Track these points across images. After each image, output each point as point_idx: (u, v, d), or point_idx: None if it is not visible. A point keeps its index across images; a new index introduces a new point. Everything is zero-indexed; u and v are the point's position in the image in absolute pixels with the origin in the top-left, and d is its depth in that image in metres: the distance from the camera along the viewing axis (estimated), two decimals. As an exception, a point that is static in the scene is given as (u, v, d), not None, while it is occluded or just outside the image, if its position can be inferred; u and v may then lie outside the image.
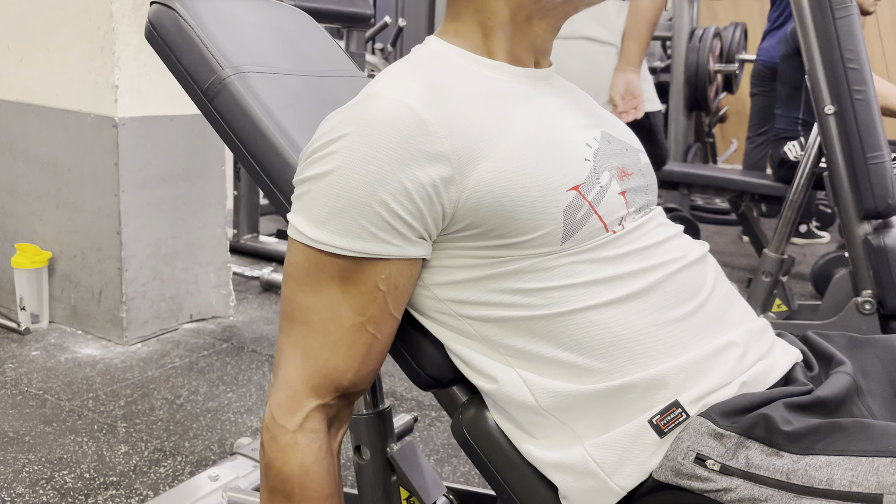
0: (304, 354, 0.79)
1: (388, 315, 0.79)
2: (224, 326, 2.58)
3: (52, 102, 2.42)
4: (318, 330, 0.78)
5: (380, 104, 0.75)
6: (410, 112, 0.75)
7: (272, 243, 3.36)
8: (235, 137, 0.97)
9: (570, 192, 0.78)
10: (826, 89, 2.12)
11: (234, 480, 1.54)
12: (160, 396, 2.06)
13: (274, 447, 0.79)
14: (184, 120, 2.45)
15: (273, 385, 0.81)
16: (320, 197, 0.76)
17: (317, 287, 0.78)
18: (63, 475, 1.67)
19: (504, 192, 0.76)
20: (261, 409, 2.01)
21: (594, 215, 0.79)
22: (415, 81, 0.79)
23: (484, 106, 0.79)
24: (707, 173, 3.22)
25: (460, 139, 0.76)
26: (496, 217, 0.77)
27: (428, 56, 0.86)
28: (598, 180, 0.81)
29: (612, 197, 0.82)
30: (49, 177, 2.47)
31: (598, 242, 0.80)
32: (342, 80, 1.16)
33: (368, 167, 0.74)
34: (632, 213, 0.84)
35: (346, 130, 0.75)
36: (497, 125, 0.78)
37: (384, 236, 0.75)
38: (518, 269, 0.79)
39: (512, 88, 0.84)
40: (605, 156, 0.84)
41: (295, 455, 0.78)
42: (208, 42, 0.99)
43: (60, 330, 2.48)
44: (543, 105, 0.85)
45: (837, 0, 2.06)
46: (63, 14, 2.36)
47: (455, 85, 0.80)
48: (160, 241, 2.45)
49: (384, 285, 0.77)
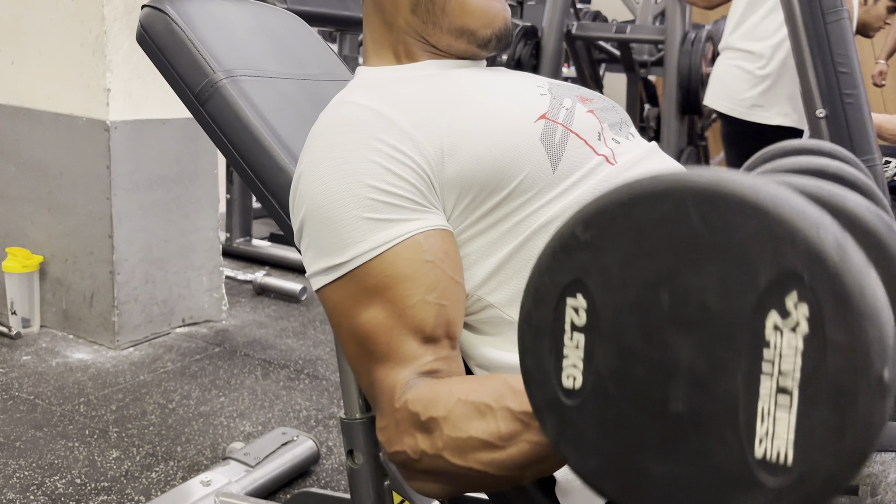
0: (384, 362, 0.72)
1: (450, 281, 0.74)
2: (216, 330, 2.57)
3: (44, 105, 2.41)
4: (383, 336, 0.73)
5: (326, 113, 0.80)
6: (360, 106, 0.78)
7: (265, 247, 3.35)
8: (227, 141, 0.97)
9: (538, 122, 0.79)
10: (817, 93, 2.13)
11: (227, 485, 1.53)
12: (152, 401, 2.05)
13: (393, 416, 0.70)
14: (176, 123, 2.44)
15: (378, 423, 0.75)
16: (321, 227, 0.75)
17: (369, 305, 0.73)
18: (54, 481, 1.66)
19: (474, 146, 0.76)
20: (253, 414, 2.00)
21: (571, 134, 0.80)
22: (358, 89, 0.83)
23: (427, 86, 0.82)
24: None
25: (414, 116, 0.77)
26: (479, 173, 0.76)
27: (362, 82, 0.89)
28: (563, 105, 0.83)
29: (581, 116, 0.83)
30: (40, 180, 2.46)
31: (598, 173, 0.80)
32: (334, 84, 1.16)
33: (339, 167, 0.74)
34: (607, 129, 0.84)
35: (310, 151, 0.78)
36: (447, 95, 0.81)
37: (394, 216, 0.73)
38: (537, 228, 0.77)
39: (449, 71, 0.88)
40: (560, 90, 0.86)
41: (410, 392, 0.70)
42: (200, 45, 0.99)
43: (51, 334, 2.47)
44: (485, 72, 0.89)
45: (829, 5, 2.07)
46: (55, 17, 2.35)
47: (394, 84, 0.83)
48: (152, 245, 2.44)
49: (430, 256, 0.73)
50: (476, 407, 0.64)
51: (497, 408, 0.63)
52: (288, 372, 2.27)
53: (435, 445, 0.66)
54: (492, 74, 0.88)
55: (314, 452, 1.74)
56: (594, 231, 0.44)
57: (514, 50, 3.80)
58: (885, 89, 3.91)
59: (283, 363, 2.33)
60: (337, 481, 1.73)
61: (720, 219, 0.39)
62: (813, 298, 0.37)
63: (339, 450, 1.84)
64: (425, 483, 0.71)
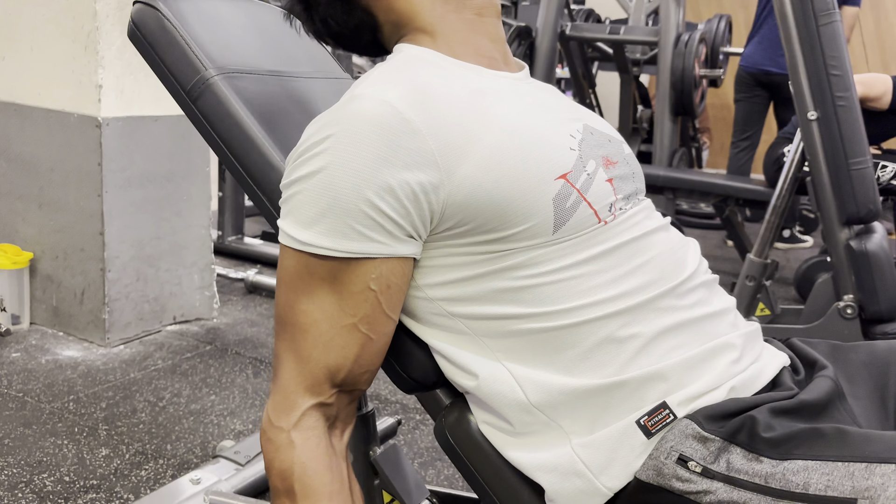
0: (297, 356, 0.79)
1: (382, 315, 0.79)
2: (208, 328, 2.57)
3: (35, 101, 2.40)
4: (310, 331, 0.78)
5: (363, 104, 0.76)
6: (394, 111, 0.75)
7: (257, 245, 3.34)
8: (219, 139, 0.96)
9: (557, 180, 0.79)
10: (809, 95, 2.13)
11: (217, 483, 1.53)
12: (142, 399, 2.04)
13: (271, 448, 0.79)
14: (168, 120, 2.43)
15: (271, 390, 0.81)
16: (307, 199, 0.76)
17: (308, 290, 0.78)
18: (42, 478, 1.66)
19: (492, 186, 0.76)
20: (244, 412, 2.00)
21: (584, 202, 0.80)
22: (398, 82, 0.79)
23: (466, 103, 0.80)
24: (692, 178, 3.23)
25: (444, 137, 0.76)
26: (486, 211, 0.77)
27: (408, 58, 0.87)
28: (585, 168, 0.82)
29: (599, 184, 0.82)
30: (31, 176, 2.45)
31: (591, 232, 0.80)
32: (327, 82, 1.16)
33: (353, 166, 0.74)
34: (620, 200, 0.84)
35: (331, 131, 0.76)
36: (480, 120, 0.79)
37: (372, 235, 0.75)
38: (512, 265, 0.79)
39: (491, 86, 0.85)
40: (590, 145, 0.85)
41: (291, 453, 0.78)
42: (192, 42, 0.98)
43: (41, 331, 2.46)
44: (524, 100, 0.86)
45: (821, 7, 2.08)
46: (47, 13, 2.34)
47: (438, 84, 0.81)
48: (144, 242, 2.43)
49: (375, 285, 0.77)
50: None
51: None
52: (279, 370, 2.27)
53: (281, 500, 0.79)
54: (532, 105, 0.86)
55: (305, 451, 1.73)
56: None
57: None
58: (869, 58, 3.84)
59: (274, 361, 2.33)
60: (327, 480, 1.72)
61: None
62: None
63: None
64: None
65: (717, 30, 4.29)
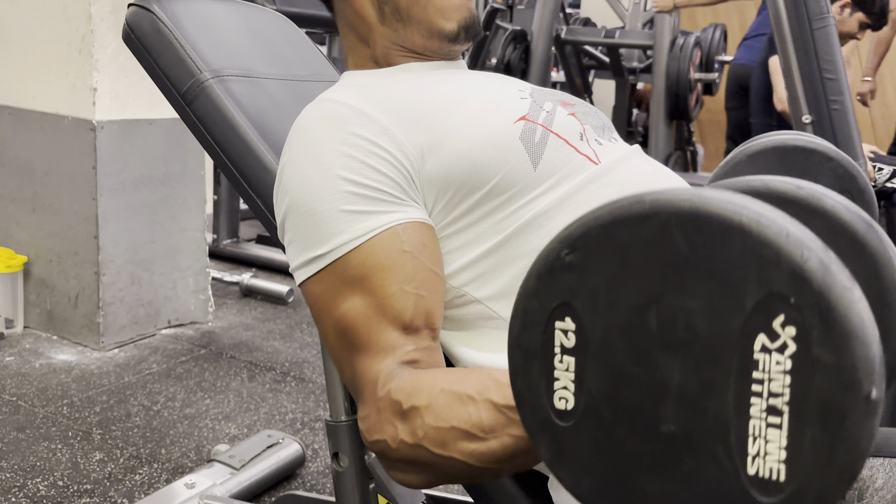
0: (365, 351, 0.73)
1: (428, 271, 0.75)
2: (202, 332, 2.56)
3: (29, 105, 2.39)
4: (360, 322, 0.73)
5: (307, 111, 0.82)
6: (339, 104, 0.80)
7: (252, 248, 3.33)
8: (213, 142, 0.96)
9: (518, 122, 0.80)
10: (803, 99, 2.14)
11: (211, 488, 1.52)
12: (137, 403, 2.03)
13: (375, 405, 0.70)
14: (163, 123, 2.42)
15: (359, 415, 0.74)
16: (301, 220, 0.76)
17: (349, 295, 0.74)
18: (36, 483, 1.65)
19: (454, 142, 0.77)
20: (238, 416, 1.99)
21: (551, 134, 0.80)
22: (340, 89, 0.85)
23: (409, 86, 0.84)
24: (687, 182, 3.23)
25: (392, 112, 0.78)
26: (459, 169, 0.77)
27: (344, 83, 0.90)
28: (543, 108, 0.83)
29: (562, 118, 0.83)
30: (25, 180, 2.43)
31: (573, 166, 0.80)
32: (322, 85, 1.16)
33: (318, 160, 0.76)
34: (590, 130, 0.84)
35: (289, 149, 0.80)
36: (428, 95, 0.82)
37: (372, 208, 0.74)
38: (522, 225, 0.77)
39: (431, 71, 0.89)
40: (541, 94, 0.87)
41: (393, 382, 0.70)
42: (187, 45, 0.98)
43: (35, 335, 2.44)
44: (465, 75, 0.90)
45: (815, 11, 2.08)
46: (41, 15, 2.33)
47: (375, 85, 0.85)
48: (138, 246, 2.42)
49: (408, 246, 0.74)
50: (459, 397, 0.64)
51: (480, 399, 0.63)
52: (274, 374, 2.26)
53: (415, 434, 0.66)
54: (474, 77, 0.89)
55: (300, 455, 1.73)
56: (579, 253, 0.43)
57: (504, 54, 3.80)
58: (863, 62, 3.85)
59: (269, 365, 2.32)
60: (322, 484, 1.72)
61: (704, 241, 0.39)
62: (800, 320, 0.37)
63: (324, 453, 1.83)
64: (405, 473, 0.71)
65: (712, 38, 4.30)
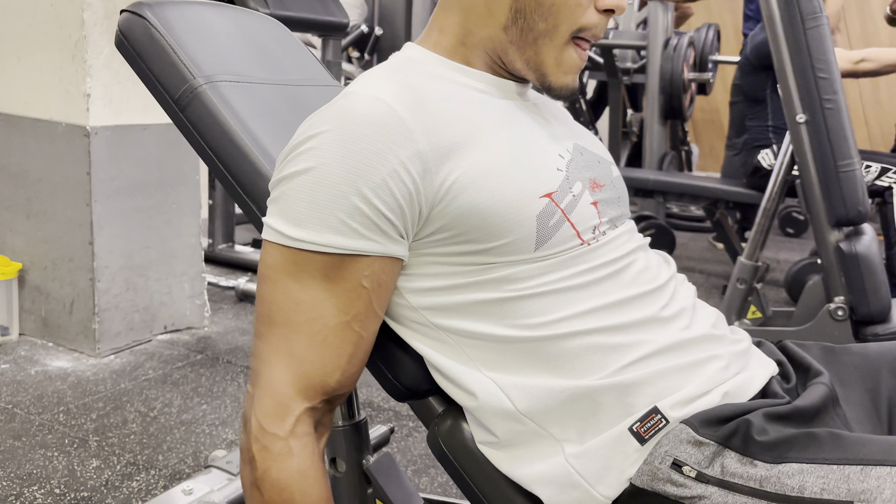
0: (289, 357, 0.76)
1: (373, 313, 0.79)
2: (198, 337, 2.55)
3: (23, 111, 2.39)
4: (303, 331, 0.76)
5: (357, 101, 0.77)
6: (388, 108, 0.76)
7: (248, 253, 3.33)
8: (207, 147, 0.96)
9: (542, 198, 0.79)
10: (797, 98, 2.15)
11: (209, 494, 1.52)
12: (133, 409, 2.03)
13: (267, 457, 0.76)
14: (157, 129, 2.42)
15: (254, 395, 0.78)
16: (299, 195, 0.75)
17: (299, 287, 0.76)
18: (32, 491, 1.64)
19: (477, 194, 0.76)
20: (236, 421, 1.98)
21: (567, 223, 0.80)
22: (392, 81, 0.80)
23: (458, 110, 0.81)
24: (682, 181, 3.24)
25: (435, 139, 0.76)
26: (470, 220, 0.77)
27: (405, 61, 0.87)
28: (571, 189, 0.82)
29: (584, 207, 0.82)
30: (19, 186, 2.43)
31: (573, 253, 0.81)
32: (316, 90, 1.16)
33: (348, 161, 0.74)
34: (604, 223, 0.85)
35: (324, 128, 0.76)
36: (471, 129, 0.79)
37: (365, 232, 0.75)
38: (495, 278, 0.79)
39: (486, 98, 0.85)
40: (578, 167, 0.85)
41: (291, 461, 0.76)
42: (179, 50, 0.98)
43: (31, 342, 2.44)
44: (518, 115, 0.86)
45: (808, 11, 2.09)
46: (33, 22, 2.33)
47: (431, 88, 0.81)
48: (133, 252, 2.42)
49: (368, 282, 0.77)
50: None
51: None
52: (271, 379, 2.25)
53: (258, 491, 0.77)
54: (527, 120, 0.86)
55: (297, 460, 1.72)
56: None
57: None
58: (863, 91, 3.85)
59: (266, 370, 2.32)
60: (320, 489, 1.71)
61: None
62: None
63: (322, 457, 1.83)
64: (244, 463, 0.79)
65: (705, 37, 4.31)
